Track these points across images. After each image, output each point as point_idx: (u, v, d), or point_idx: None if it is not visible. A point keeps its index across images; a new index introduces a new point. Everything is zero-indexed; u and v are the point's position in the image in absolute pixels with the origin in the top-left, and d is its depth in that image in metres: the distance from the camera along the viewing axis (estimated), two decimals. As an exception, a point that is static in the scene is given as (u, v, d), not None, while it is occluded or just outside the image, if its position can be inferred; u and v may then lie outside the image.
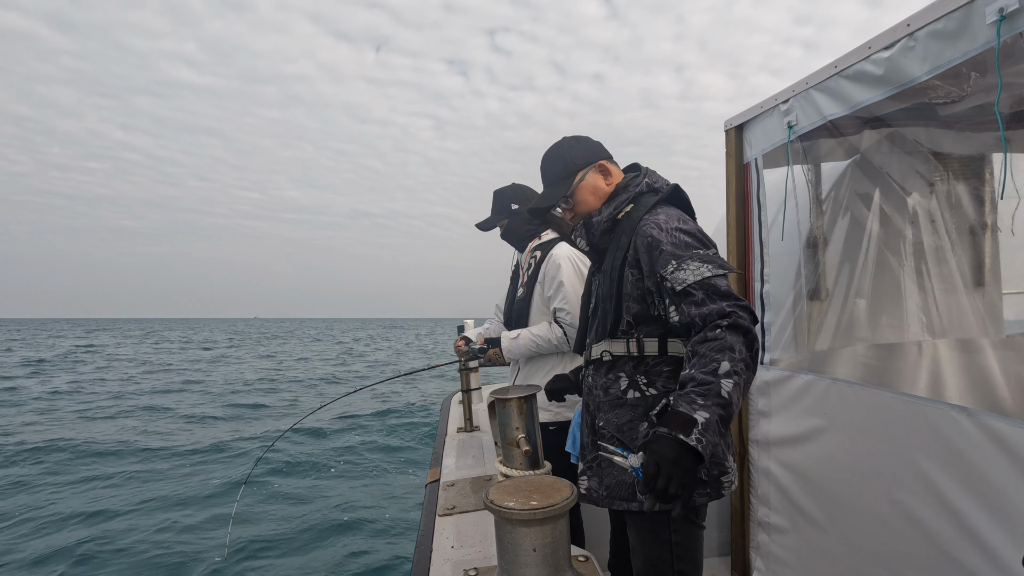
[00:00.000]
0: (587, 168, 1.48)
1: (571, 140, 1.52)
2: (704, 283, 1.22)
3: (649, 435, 1.09)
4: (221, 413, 12.05)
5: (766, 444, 2.17)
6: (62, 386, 16.14)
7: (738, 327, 1.15)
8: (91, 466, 7.82)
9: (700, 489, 1.37)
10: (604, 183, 1.48)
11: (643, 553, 1.43)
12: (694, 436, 1.01)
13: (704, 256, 1.27)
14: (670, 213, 1.38)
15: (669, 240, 1.29)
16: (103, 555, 4.93)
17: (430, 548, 1.46)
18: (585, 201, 1.48)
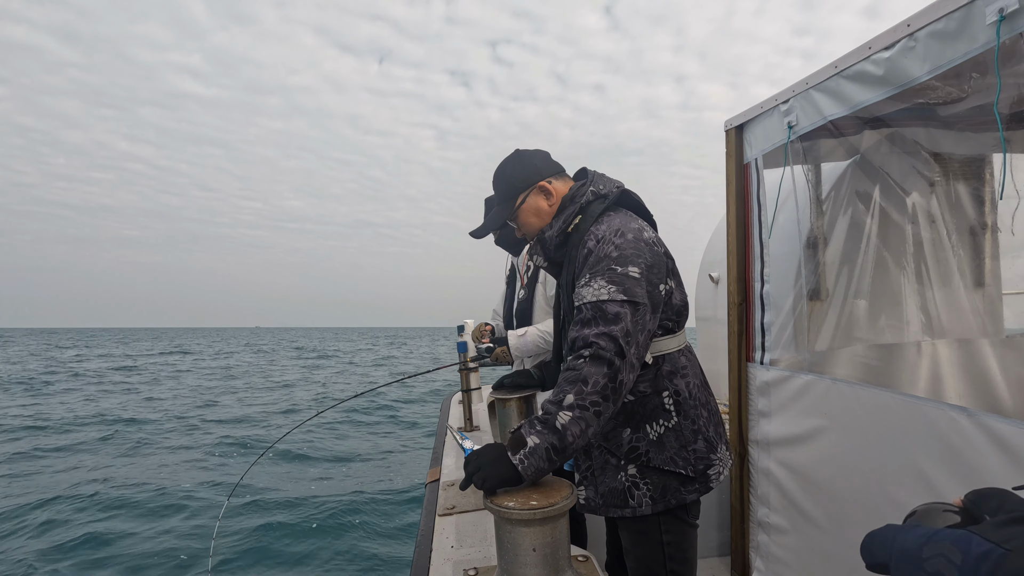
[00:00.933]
0: (528, 190, 1.46)
1: (513, 160, 1.50)
2: (596, 305, 1.23)
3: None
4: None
5: (766, 444, 2.18)
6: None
7: (599, 358, 1.17)
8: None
9: (688, 487, 1.38)
10: (546, 204, 1.47)
11: (635, 554, 1.43)
12: (519, 456, 1.12)
13: (613, 276, 1.25)
14: (612, 223, 1.36)
15: (596, 253, 1.30)
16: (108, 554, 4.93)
17: (430, 548, 1.46)
18: (528, 223, 1.49)
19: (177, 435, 10.05)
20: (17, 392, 16.14)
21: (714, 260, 3.40)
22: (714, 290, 3.37)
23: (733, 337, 2.30)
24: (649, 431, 1.37)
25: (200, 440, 9.63)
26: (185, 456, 8.53)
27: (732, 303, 2.29)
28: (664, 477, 1.37)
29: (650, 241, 1.35)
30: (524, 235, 1.54)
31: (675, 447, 1.37)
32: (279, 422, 11.35)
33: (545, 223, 1.48)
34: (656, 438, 1.37)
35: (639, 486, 1.38)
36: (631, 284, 1.24)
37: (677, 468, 1.36)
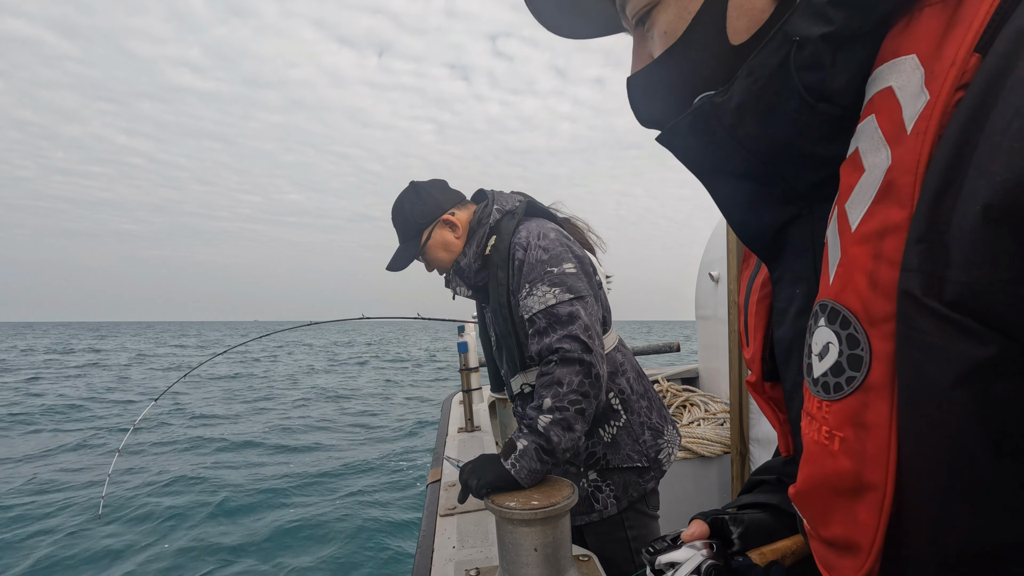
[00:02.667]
0: (431, 226, 1.44)
1: (411, 197, 1.46)
2: (547, 311, 1.23)
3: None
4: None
5: (767, 443, 2.18)
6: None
7: (568, 360, 1.18)
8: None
9: (645, 476, 1.41)
10: (453, 236, 1.45)
11: (603, 557, 1.44)
12: (511, 460, 1.16)
13: (552, 278, 1.26)
14: (530, 228, 1.36)
15: (528, 260, 1.30)
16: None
17: (431, 548, 1.46)
18: (438, 259, 1.46)
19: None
20: None
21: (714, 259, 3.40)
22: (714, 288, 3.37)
23: (733, 335, 2.31)
24: (603, 434, 1.40)
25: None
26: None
27: (732, 301, 2.30)
28: (624, 474, 1.40)
29: (568, 240, 1.38)
30: (435, 270, 1.51)
31: (628, 443, 1.41)
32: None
33: (454, 256, 1.45)
34: (610, 440, 1.40)
35: (602, 489, 1.41)
36: (572, 280, 1.26)
37: (634, 463, 1.40)
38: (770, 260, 0.52)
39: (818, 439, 0.39)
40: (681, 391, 3.32)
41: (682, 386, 3.47)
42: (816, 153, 0.42)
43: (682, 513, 2.54)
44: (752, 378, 0.60)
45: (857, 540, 0.37)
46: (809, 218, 0.46)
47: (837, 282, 0.37)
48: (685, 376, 3.75)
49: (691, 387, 3.47)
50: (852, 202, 0.37)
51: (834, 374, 0.37)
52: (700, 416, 2.96)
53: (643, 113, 0.54)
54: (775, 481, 0.71)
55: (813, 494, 0.41)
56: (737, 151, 0.46)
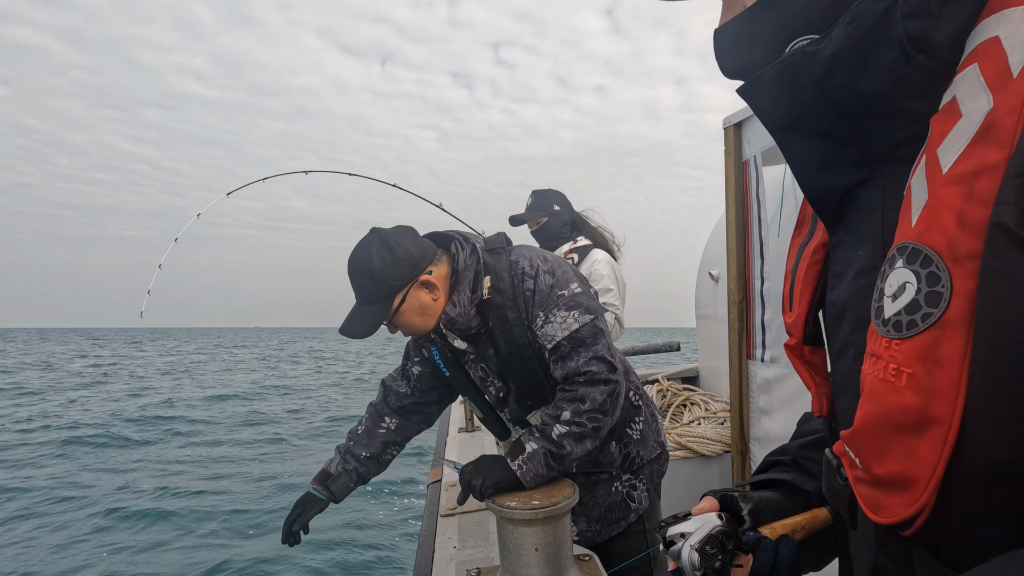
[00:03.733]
0: (407, 288, 1.23)
1: (383, 253, 1.22)
2: (571, 336, 1.21)
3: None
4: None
5: (767, 441, 2.17)
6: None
7: (595, 381, 1.19)
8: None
9: (662, 460, 1.47)
10: (431, 298, 1.26)
11: (619, 553, 1.45)
12: (518, 461, 1.15)
13: (566, 301, 1.23)
14: (527, 255, 1.29)
15: (539, 287, 1.25)
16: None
17: (432, 548, 1.46)
18: (411, 324, 1.27)
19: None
20: None
21: (714, 258, 3.40)
22: (714, 288, 3.36)
23: (733, 335, 2.30)
24: (631, 433, 1.41)
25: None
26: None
27: (732, 300, 2.29)
28: (650, 466, 1.44)
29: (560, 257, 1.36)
30: (407, 335, 1.35)
31: (651, 435, 1.44)
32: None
33: (431, 320, 1.27)
34: (639, 436, 1.42)
35: (636, 487, 1.41)
36: (585, 300, 1.25)
37: (655, 452, 1.44)
38: (832, 223, 0.52)
39: (883, 377, 0.40)
40: (681, 390, 3.32)
41: (682, 385, 3.46)
42: (904, 108, 0.43)
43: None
44: (792, 342, 0.61)
45: (914, 475, 0.38)
46: (880, 180, 0.46)
47: (921, 223, 0.38)
48: (685, 375, 3.74)
49: (691, 386, 3.46)
50: (945, 146, 0.37)
51: (908, 312, 0.38)
52: (700, 415, 2.96)
53: (729, 63, 0.54)
54: (790, 462, 0.74)
55: (872, 431, 0.41)
56: (820, 105, 0.46)
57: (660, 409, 3.10)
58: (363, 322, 1.23)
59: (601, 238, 2.42)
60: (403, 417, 1.52)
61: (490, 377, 1.36)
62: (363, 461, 1.49)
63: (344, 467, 1.48)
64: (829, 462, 0.54)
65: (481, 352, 1.34)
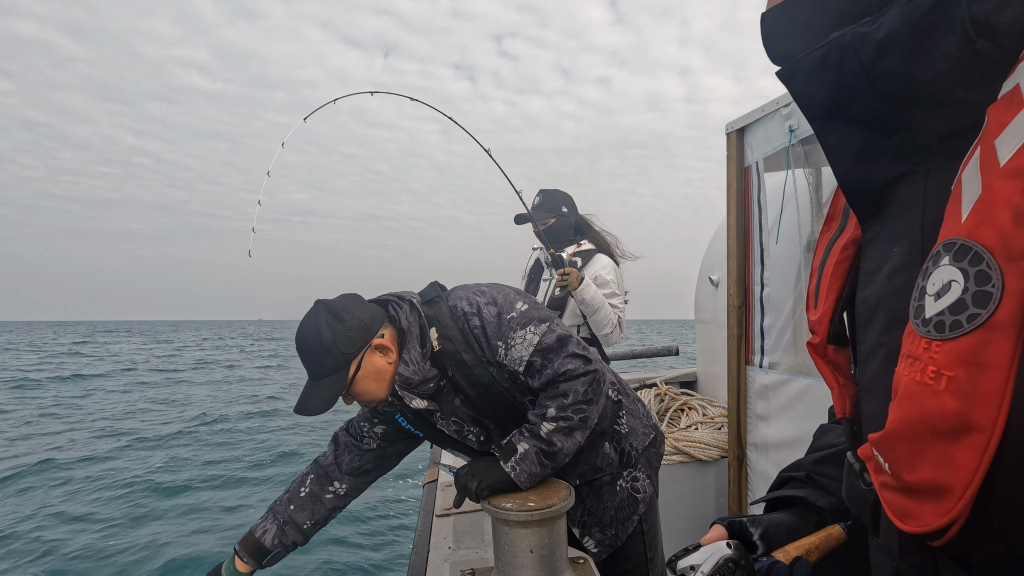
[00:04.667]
0: (361, 354, 1.20)
1: (332, 323, 1.18)
2: (537, 351, 1.21)
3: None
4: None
5: (764, 448, 2.17)
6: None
7: (573, 376, 1.20)
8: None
9: (658, 443, 1.49)
10: (386, 362, 1.22)
11: (619, 555, 1.46)
12: (511, 462, 1.15)
13: (518, 320, 1.23)
14: (461, 296, 1.28)
15: (485, 322, 1.24)
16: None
17: (427, 548, 1.46)
18: (368, 391, 1.23)
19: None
20: None
21: (714, 263, 3.40)
22: (714, 293, 3.36)
23: (732, 340, 2.30)
24: (619, 428, 1.43)
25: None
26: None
27: (732, 306, 2.29)
28: (647, 452, 1.46)
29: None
30: (363, 405, 1.30)
31: (637, 423, 1.46)
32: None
33: (386, 385, 1.24)
34: (627, 430, 1.44)
35: (638, 478, 1.43)
36: (533, 313, 1.25)
37: (648, 437, 1.46)
38: (867, 217, 0.50)
39: (920, 379, 0.38)
40: (679, 395, 3.32)
41: (680, 390, 3.46)
42: (958, 97, 0.40)
43: (679, 517, 2.54)
44: (815, 340, 0.59)
45: (948, 483, 0.36)
46: (923, 174, 0.44)
47: (972, 219, 0.36)
48: (683, 380, 3.74)
49: (689, 391, 3.46)
50: (1004, 137, 0.35)
51: (953, 312, 0.36)
52: (698, 420, 2.95)
53: (777, 48, 0.52)
54: (804, 478, 0.72)
55: (905, 435, 0.40)
56: (865, 91, 0.44)
57: (657, 414, 3.09)
58: (319, 397, 1.18)
59: (604, 242, 2.44)
60: (357, 477, 1.46)
61: (466, 427, 1.34)
62: (305, 532, 1.40)
63: (282, 541, 1.37)
64: (851, 466, 0.52)
65: (447, 406, 1.31)
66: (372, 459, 1.47)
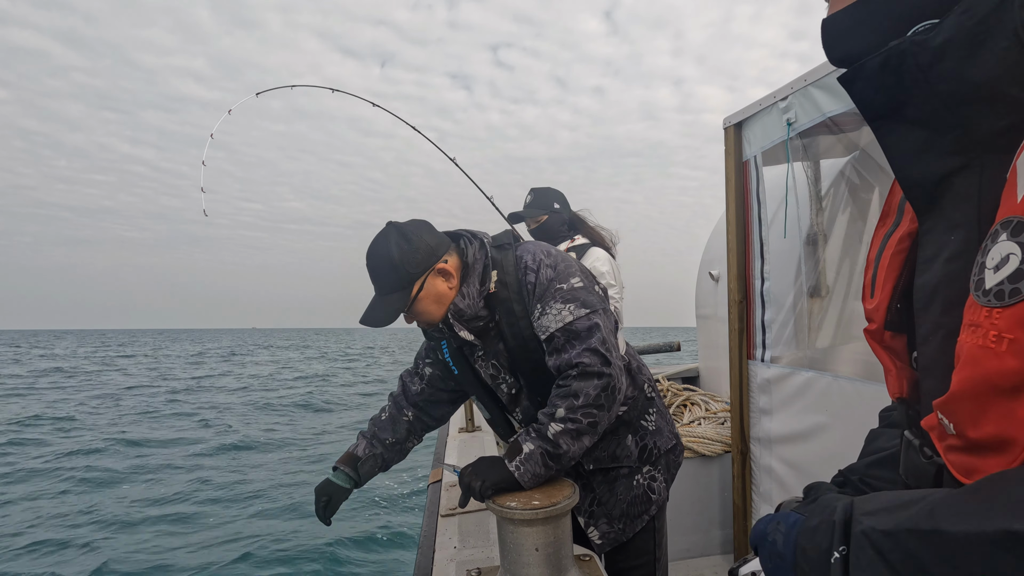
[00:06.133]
0: (425, 275, 1.27)
1: (401, 243, 1.27)
2: (565, 328, 1.21)
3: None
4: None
5: (768, 441, 2.17)
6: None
7: (587, 374, 1.18)
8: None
9: (677, 451, 1.48)
10: (447, 287, 1.30)
11: (628, 550, 1.45)
12: (515, 462, 1.15)
13: (563, 294, 1.24)
14: (531, 249, 1.32)
15: (539, 280, 1.27)
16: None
17: (432, 548, 1.46)
18: (428, 311, 1.30)
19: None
20: None
21: (714, 258, 3.40)
22: (714, 288, 3.36)
23: (734, 335, 2.30)
24: (647, 424, 1.42)
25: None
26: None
27: (732, 301, 2.29)
28: (667, 456, 1.45)
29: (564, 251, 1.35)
30: (420, 324, 1.36)
31: (665, 426, 1.46)
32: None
33: (444, 309, 1.31)
34: (654, 428, 1.43)
35: (656, 477, 1.42)
36: (584, 295, 1.25)
37: (672, 441, 1.46)
38: (924, 210, 0.53)
39: (983, 344, 0.41)
40: (682, 390, 3.32)
41: (683, 385, 3.46)
42: (1011, 96, 0.44)
43: (684, 513, 2.54)
44: (872, 327, 0.63)
45: (1012, 435, 0.39)
46: (978, 168, 0.47)
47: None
48: (686, 375, 3.74)
49: (692, 386, 3.46)
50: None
51: (1011, 281, 0.39)
52: (701, 415, 2.96)
53: (839, 51, 0.56)
54: (857, 482, 0.73)
55: (969, 395, 0.42)
56: (922, 93, 0.47)
57: (660, 409, 3.10)
58: (383, 311, 1.28)
59: (598, 236, 2.44)
60: (420, 411, 1.57)
61: (502, 374, 1.38)
62: (388, 447, 1.54)
63: (372, 451, 1.52)
64: (910, 443, 0.55)
65: (491, 348, 1.37)
66: (424, 400, 1.56)
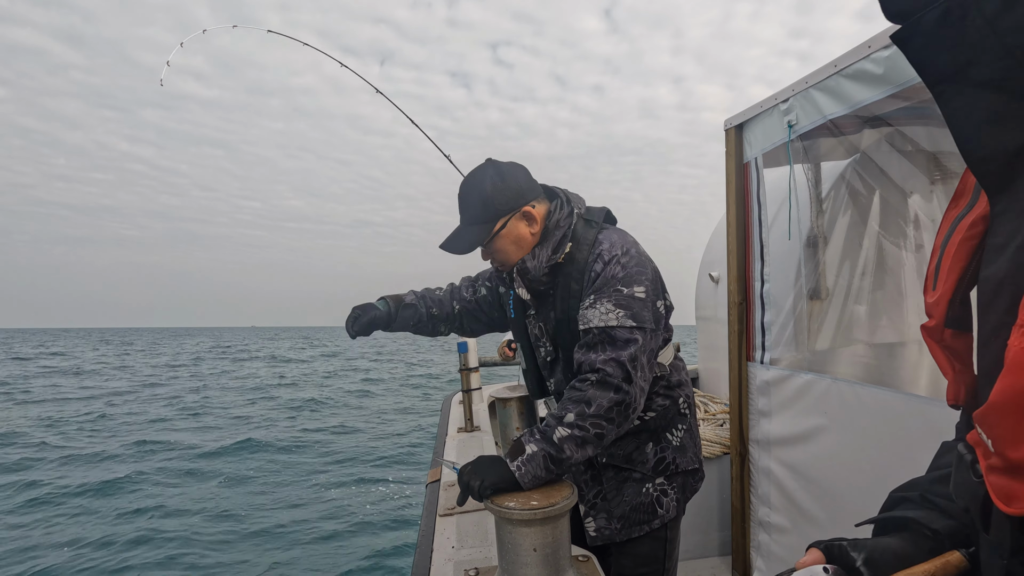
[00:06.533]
0: (510, 215, 1.30)
1: (495, 179, 1.30)
2: (604, 330, 1.20)
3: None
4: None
5: (766, 443, 2.17)
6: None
7: (606, 384, 1.16)
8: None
9: (696, 477, 1.44)
10: (528, 232, 1.32)
11: (633, 555, 1.43)
12: (517, 463, 1.13)
13: (620, 299, 1.21)
14: (613, 240, 1.29)
15: (604, 275, 1.25)
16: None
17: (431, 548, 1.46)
18: (504, 251, 1.33)
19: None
20: None
21: (714, 259, 3.40)
22: (714, 289, 3.36)
23: (733, 336, 2.30)
24: (671, 438, 1.39)
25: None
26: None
27: (732, 302, 2.29)
28: (686, 477, 1.41)
29: (646, 255, 1.32)
30: (494, 263, 1.39)
31: (692, 446, 1.42)
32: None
33: (522, 253, 1.33)
34: (679, 444, 1.40)
35: (667, 493, 1.38)
36: (638, 307, 1.22)
37: (694, 464, 1.41)
38: (996, 189, 0.45)
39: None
40: (681, 392, 3.32)
41: (682, 387, 3.46)
42: None
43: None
44: (931, 323, 0.55)
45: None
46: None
47: None
48: (685, 377, 3.74)
49: (691, 388, 3.46)
50: None
51: None
52: (700, 417, 2.96)
53: (894, 5, 0.47)
54: (919, 498, 0.64)
55: (1009, 407, 0.37)
56: (991, 49, 0.40)
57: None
58: (464, 240, 1.31)
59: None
60: (461, 312, 1.61)
61: (544, 338, 1.41)
62: (432, 312, 1.57)
63: (416, 302, 1.56)
64: (962, 457, 0.48)
65: (542, 312, 1.39)
66: (468, 309, 1.61)
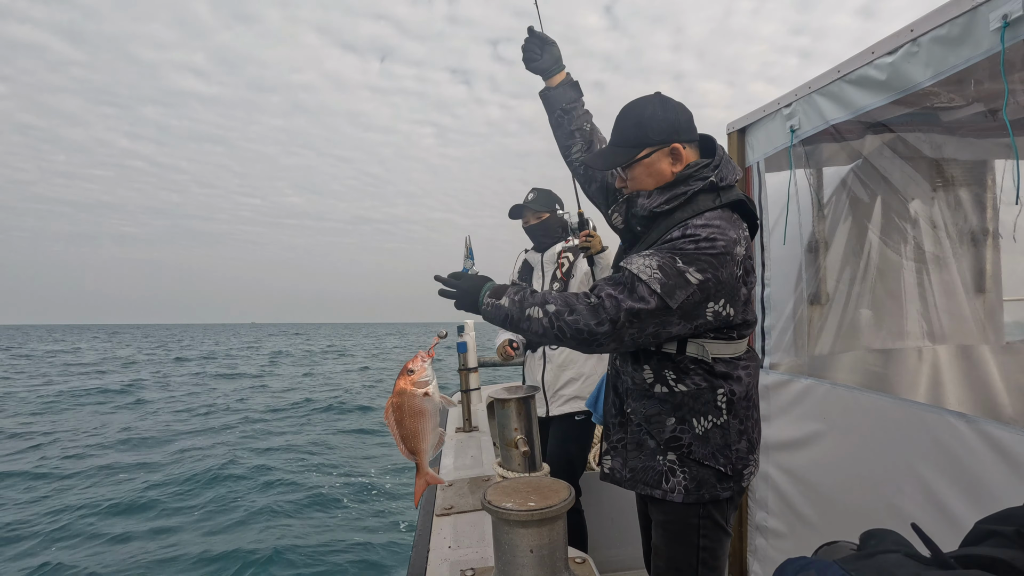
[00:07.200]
0: (658, 147, 1.32)
1: (656, 106, 1.33)
2: (634, 276, 1.20)
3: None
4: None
5: (764, 448, 2.17)
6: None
7: (596, 311, 1.21)
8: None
9: (723, 483, 1.34)
10: (669, 169, 1.33)
11: (667, 555, 1.38)
12: (488, 300, 1.30)
13: (668, 267, 1.19)
14: (711, 220, 1.24)
15: (678, 240, 1.23)
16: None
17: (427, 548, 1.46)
18: (639, 179, 1.36)
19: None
20: None
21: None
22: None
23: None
24: (696, 425, 1.33)
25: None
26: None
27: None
28: (702, 470, 1.34)
29: (737, 258, 1.24)
30: (619, 185, 1.44)
31: (719, 444, 1.34)
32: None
33: (652, 187, 1.35)
34: (702, 433, 1.34)
35: (676, 473, 1.35)
36: (678, 284, 1.18)
37: (717, 464, 1.33)
38: None
39: None
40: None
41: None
42: None
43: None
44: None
45: None
46: None
47: None
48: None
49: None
50: None
51: None
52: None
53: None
54: (1014, 534, 0.53)
55: None
56: None
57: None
58: (606, 158, 1.38)
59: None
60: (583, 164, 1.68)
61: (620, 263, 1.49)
62: (586, 127, 1.68)
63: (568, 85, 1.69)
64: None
65: (624, 241, 1.47)
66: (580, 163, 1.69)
